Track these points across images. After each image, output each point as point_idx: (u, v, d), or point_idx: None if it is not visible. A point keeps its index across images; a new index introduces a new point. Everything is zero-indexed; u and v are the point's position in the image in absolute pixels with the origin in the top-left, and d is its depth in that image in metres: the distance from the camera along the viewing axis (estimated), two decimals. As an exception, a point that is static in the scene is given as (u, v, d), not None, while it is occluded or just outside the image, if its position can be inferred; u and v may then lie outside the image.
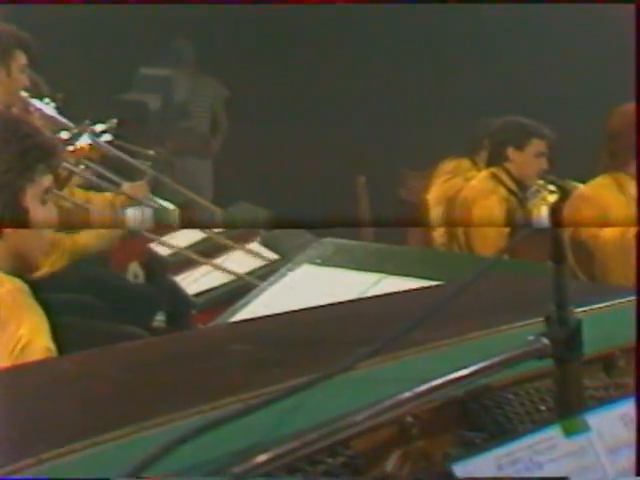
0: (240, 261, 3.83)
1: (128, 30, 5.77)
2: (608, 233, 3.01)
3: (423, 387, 1.30)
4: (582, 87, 4.28)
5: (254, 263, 3.78)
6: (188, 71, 6.24)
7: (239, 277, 3.69)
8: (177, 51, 6.26)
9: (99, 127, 4.04)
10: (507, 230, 3.52)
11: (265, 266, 3.70)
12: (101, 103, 5.21)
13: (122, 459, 1.14)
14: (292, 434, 1.19)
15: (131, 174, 4.15)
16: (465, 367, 1.37)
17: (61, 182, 3.38)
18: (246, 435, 1.24)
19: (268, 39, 5.66)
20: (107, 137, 4.07)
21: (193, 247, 4.05)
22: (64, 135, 3.77)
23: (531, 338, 1.36)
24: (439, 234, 3.76)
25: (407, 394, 1.29)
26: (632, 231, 2.98)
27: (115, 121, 4.15)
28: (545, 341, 1.35)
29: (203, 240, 4.06)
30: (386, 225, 3.61)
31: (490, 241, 3.39)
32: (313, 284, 2.73)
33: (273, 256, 3.76)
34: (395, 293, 2.32)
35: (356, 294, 2.60)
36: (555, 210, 3.43)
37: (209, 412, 1.34)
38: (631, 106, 3.16)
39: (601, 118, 3.42)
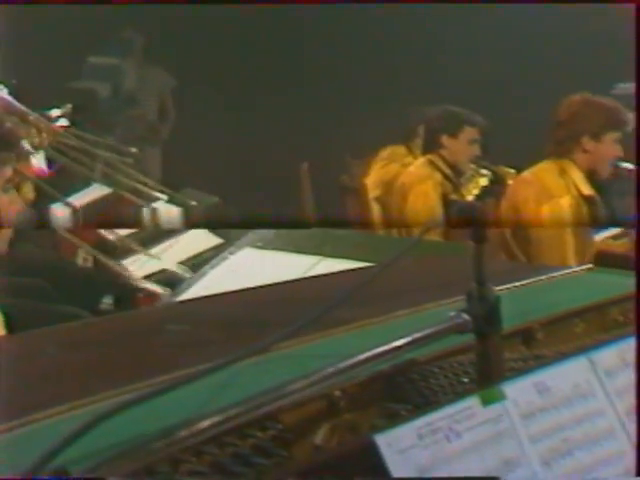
0: (185, 245, 3.81)
1: (78, 18, 5.69)
2: (545, 210, 3.04)
3: (350, 361, 1.31)
4: (519, 76, 4.31)
5: (199, 247, 3.77)
6: (136, 60, 6.18)
7: (184, 261, 3.68)
8: (126, 41, 6.20)
9: (55, 112, 3.99)
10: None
11: (209, 250, 3.69)
12: (53, 90, 5.14)
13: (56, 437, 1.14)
14: (220, 409, 1.19)
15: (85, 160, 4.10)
16: (391, 343, 1.39)
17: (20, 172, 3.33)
18: (178, 412, 1.24)
19: (216, 29, 5.62)
20: (63, 122, 4.02)
21: (140, 231, 4.02)
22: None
23: (452, 314, 1.38)
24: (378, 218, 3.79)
25: (334, 368, 1.31)
26: (566, 212, 3.02)
27: (70, 106, 4.09)
28: (466, 317, 1.37)
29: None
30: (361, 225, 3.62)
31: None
32: (254, 267, 2.73)
33: (217, 240, 3.75)
34: (331, 274, 2.33)
35: (295, 276, 2.61)
36: (487, 194, 3.47)
37: (143, 389, 1.33)
38: (577, 97, 3.20)
39: (537, 106, 3.45)
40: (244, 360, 1.26)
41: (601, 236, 3.16)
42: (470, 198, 3.64)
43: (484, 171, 3.77)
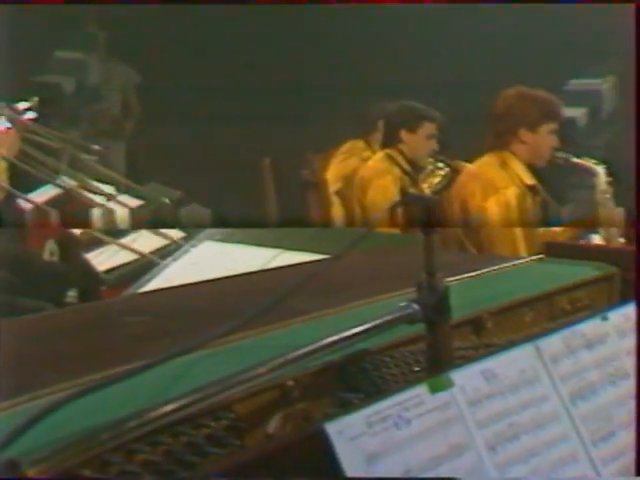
0: (148, 239, 3.79)
1: (44, 12, 5.62)
2: (491, 205, 3.06)
3: (301, 351, 1.31)
4: (472, 72, 4.34)
5: (162, 241, 3.75)
6: (100, 55, 6.14)
7: (147, 254, 3.66)
8: (90, 36, 6.16)
9: (22, 105, 3.95)
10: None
11: (171, 243, 3.68)
12: (18, 84, 5.08)
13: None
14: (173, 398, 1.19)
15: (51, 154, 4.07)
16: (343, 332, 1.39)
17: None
18: (131, 402, 1.23)
19: (180, 27, 5.58)
20: (30, 115, 3.98)
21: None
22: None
23: (403, 304, 1.39)
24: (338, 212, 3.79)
25: (286, 358, 1.31)
26: (512, 203, 3.04)
27: (37, 99, 4.05)
28: (415, 307, 1.38)
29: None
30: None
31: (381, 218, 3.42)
32: (214, 259, 2.72)
33: (179, 234, 3.74)
34: (290, 266, 2.33)
35: (255, 268, 2.60)
36: (445, 188, 3.48)
37: (98, 380, 1.32)
38: (513, 90, 3.22)
39: (491, 101, 3.47)
40: (183, 355, 1.25)
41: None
42: (428, 192, 3.65)
43: (442, 165, 3.79)
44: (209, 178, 4.86)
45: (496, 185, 3.07)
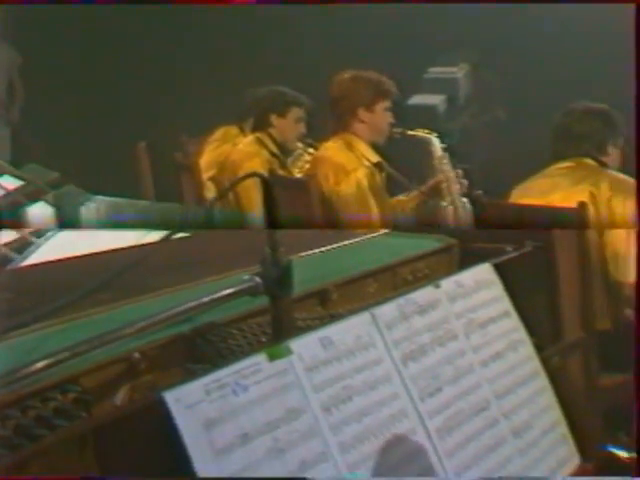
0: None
1: None
2: (345, 187, 3.08)
3: (145, 322, 1.29)
4: (340, 59, 4.35)
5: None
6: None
7: (24, 234, 3.53)
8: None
9: None
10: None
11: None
12: None
13: None
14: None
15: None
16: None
17: None
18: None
19: (61, 12, 5.39)
20: None
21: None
22: None
23: (246, 277, 1.38)
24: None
25: (131, 328, 1.29)
26: (364, 183, 3.07)
27: None
28: (258, 280, 1.37)
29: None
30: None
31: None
32: (86, 239, 2.65)
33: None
34: (153, 243, 2.26)
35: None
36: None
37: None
38: (347, 73, 3.25)
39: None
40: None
41: (397, 198, 3.22)
42: (297, 174, 3.64)
43: (311, 150, 3.78)
44: (88, 160, 4.74)
45: (346, 168, 3.08)
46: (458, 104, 4.58)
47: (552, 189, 2.77)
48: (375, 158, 3.14)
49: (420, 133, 3.17)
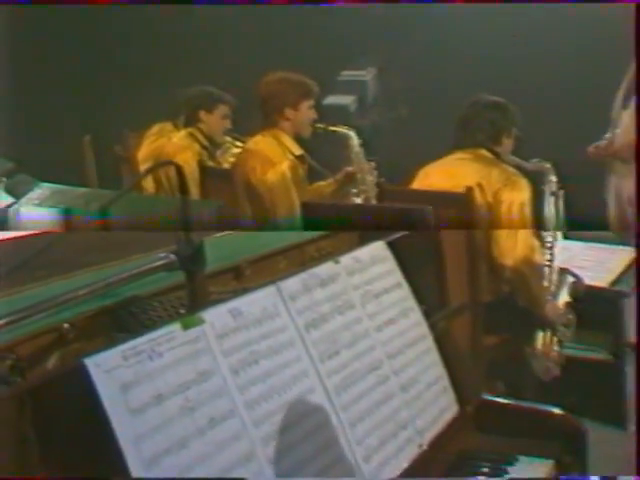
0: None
1: None
2: (271, 177, 3.09)
3: (69, 295, 1.27)
4: (263, 62, 4.32)
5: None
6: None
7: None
8: None
9: None
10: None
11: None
12: None
13: None
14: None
15: None
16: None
17: None
18: None
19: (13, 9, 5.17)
20: None
21: None
22: None
23: (162, 255, 1.37)
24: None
25: (60, 299, 1.27)
26: (288, 175, 3.08)
27: None
28: (172, 257, 1.36)
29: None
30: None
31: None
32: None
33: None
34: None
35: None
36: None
37: None
38: (273, 75, 3.27)
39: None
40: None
41: (316, 185, 3.25)
42: (226, 166, 3.62)
43: (238, 143, 3.76)
44: (39, 150, 4.59)
45: (272, 160, 3.09)
46: (367, 103, 4.62)
47: (449, 177, 2.82)
48: (299, 151, 3.16)
49: (341, 129, 3.21)
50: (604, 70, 2.42)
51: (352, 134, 3.14)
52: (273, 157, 3.09)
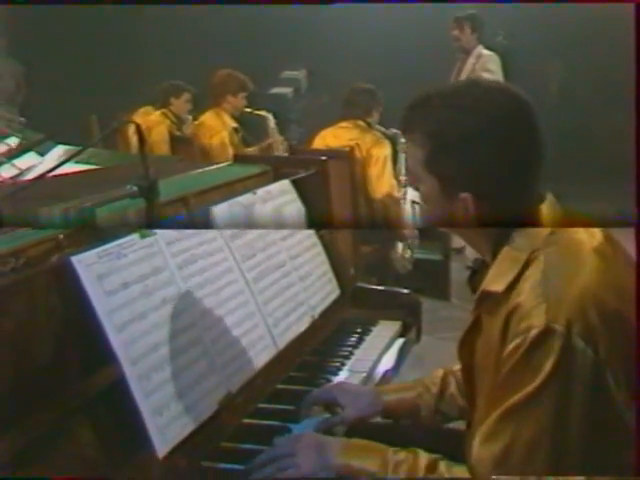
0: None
1: None
2: (214, 141, 3.15)
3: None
4: (222, 60, 4.11)
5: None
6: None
7: None
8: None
9: None
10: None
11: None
12: None
13: None
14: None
15: None
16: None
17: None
18: None
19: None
20: None
21: None
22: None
23: (128, 186, 1.28)
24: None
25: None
26: (227, 140, 3.12)
27: None
28: (134, 188, 1.28)
29: None
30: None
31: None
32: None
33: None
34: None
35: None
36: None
37: None
38: (223, 70, 3.29)
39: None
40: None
41: (247, 149, 3.26)
42: (187, 134, 3.58)
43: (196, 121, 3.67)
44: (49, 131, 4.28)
45: (216, 129, 3.18)
46: (300, 94, 4.57)
47: (336, 138, 2.84)
48: (234, 124, 3.18)
49: (262, 112, 3.29)
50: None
51: (270, 116, 3.21)
52: (216, 127, 3.14)
